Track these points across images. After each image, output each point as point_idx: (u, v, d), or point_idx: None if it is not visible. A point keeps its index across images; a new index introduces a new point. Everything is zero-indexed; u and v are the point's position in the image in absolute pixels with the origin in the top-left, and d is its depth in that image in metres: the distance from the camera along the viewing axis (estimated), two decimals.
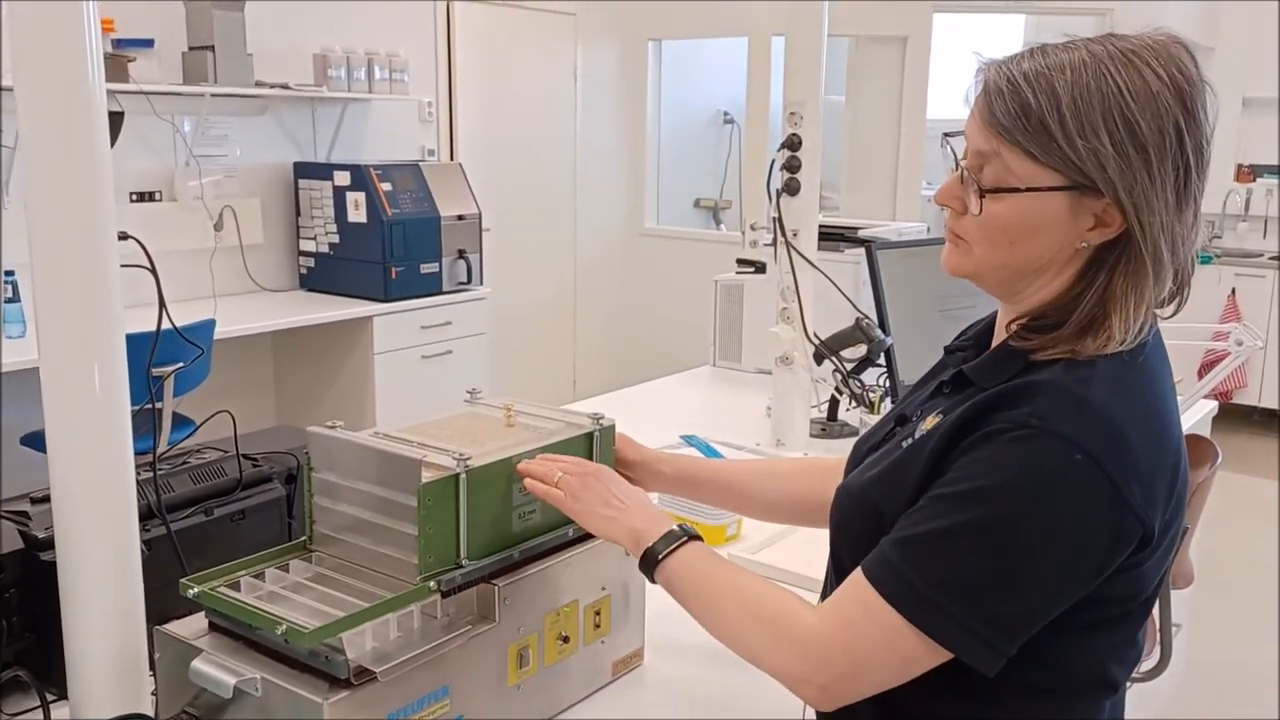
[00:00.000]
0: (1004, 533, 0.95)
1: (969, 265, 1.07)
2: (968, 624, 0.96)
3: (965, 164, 1.05)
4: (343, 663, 1.06)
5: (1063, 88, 0.97)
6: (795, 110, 2.31)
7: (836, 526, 1.16)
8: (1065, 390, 0.98)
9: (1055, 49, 1.01)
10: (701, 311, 3.32)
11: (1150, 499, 0.98)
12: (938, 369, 1.24)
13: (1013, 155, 0.99)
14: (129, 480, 1.16)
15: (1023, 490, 0.95)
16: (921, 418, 1.12)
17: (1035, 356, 1.03)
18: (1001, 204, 1.01)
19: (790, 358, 2.37)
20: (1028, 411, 0.97)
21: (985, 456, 0.97)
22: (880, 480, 1.09)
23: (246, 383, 4.71)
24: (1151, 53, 0.99)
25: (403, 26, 5.17)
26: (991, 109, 1.00)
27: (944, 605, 0.96)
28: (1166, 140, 0.98)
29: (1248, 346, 2.28)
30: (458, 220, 4.74)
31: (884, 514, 1.05)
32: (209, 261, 4.51)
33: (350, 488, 1.22)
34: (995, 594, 0.96)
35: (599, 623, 1.36)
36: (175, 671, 1.14)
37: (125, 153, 4.12)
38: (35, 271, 1.10)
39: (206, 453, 1.56)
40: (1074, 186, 0.98)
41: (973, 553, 0.96)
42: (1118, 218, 0.99)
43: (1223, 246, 6.74)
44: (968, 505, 0.97)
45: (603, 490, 1.24)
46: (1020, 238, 1.02)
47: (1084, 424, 0.96)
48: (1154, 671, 2.17)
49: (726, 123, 7.17)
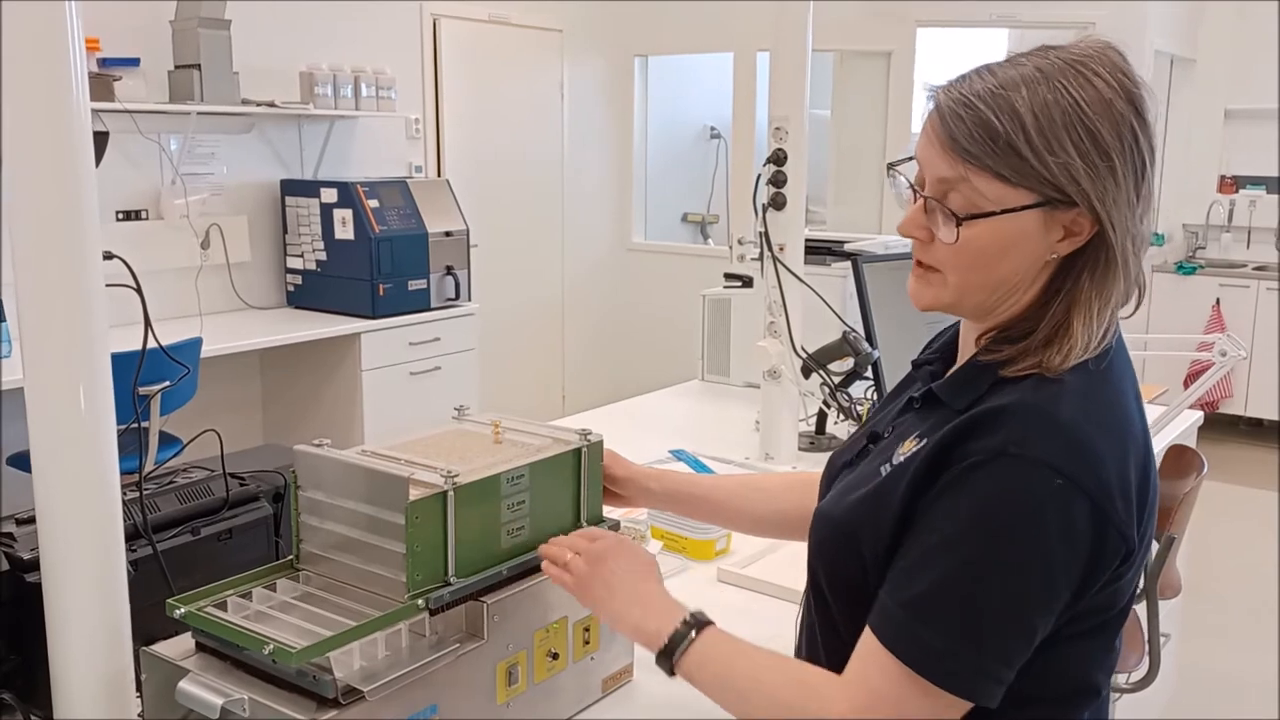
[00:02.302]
0: (1003, 570, 0.95)
1: (946, 296, 1.06)
2: (989, 670, 0.96)
3: (927, 193, 1.03)
4: (330, 682, 1.06)
5: (1022, 106, 0.97)
6: (781, 125, 2.32)
7: (814, 551, 1.15)
8: (1036, 413, 0.98)
9: (1001, 67, 1.01)
10: (689, 326, 3.32)
11: (1130, 513, 0.99)
12: (906, 382, 1.24)
13: (982, 179, 0.99)
14: (115, 500, 1.16)
15: (1012, 524, 0.95)
16: (894, 436, 1.12)
17: (1004, 371, 1.03)
18: (975, 228, 1.01)
19: (778, 371, 2.37)
20: (1003, 439, 0.97)
21: (968, 494, 0.97)
22: (858, 508, 1.08)
23: (233, 401, 4.70)
24: (1095, 61, 1.00)
25: (389, 43, 5.18)
26: (952, 134, 1.00)
27: (958, 657, 0.96)
28: (1125, 145, 0.99)
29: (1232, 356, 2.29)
30: (445, 236, 4.74)
31: (862, 542, 1.05)
32: (195, 280, 4.49)
33: (337, 506, 1.21)
34: (1001, 631, 0.96)
35: (588, 639, 1.36)
36: (162, 692, 1.13)
37: (111, 171, 4.11)
38: (20, 291, 1.10)
39: (193, 472, 1.55)
40: (1046, 202, 0.99)
41: (975, 597, 0.96)
42: (1086, 226, 1.00)
43: (1206, 257, 6.79)
44: (962, 550, 0.96)
45: (611, 578, 1.18)
46: (995, 259, 1.02)
47: (1060, 447, 0.96)
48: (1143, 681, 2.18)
49: (713, 138, 7.19)
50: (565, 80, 6.19)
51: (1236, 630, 3.99)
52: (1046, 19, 5.55)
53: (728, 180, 6.72)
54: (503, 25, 5.75)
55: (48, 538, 1.14)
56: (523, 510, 1.27)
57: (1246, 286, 6.42)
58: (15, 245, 1.08)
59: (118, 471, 1.16)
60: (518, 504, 1.26)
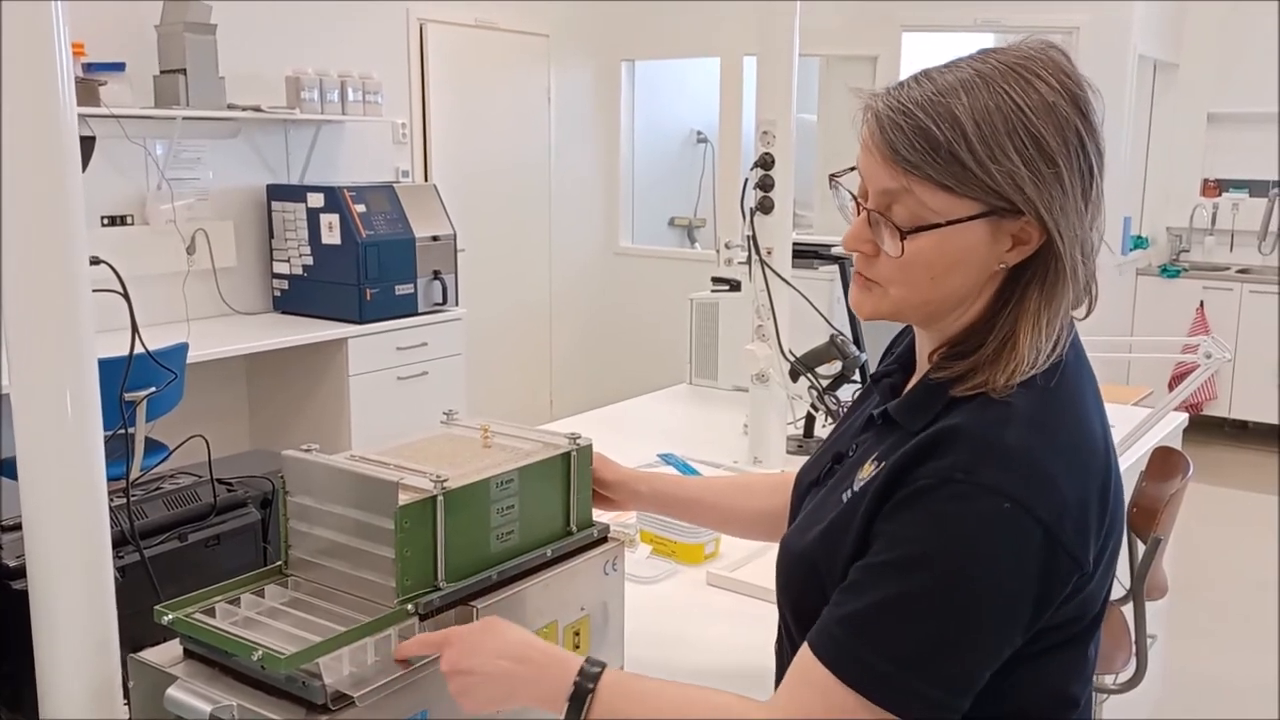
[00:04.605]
0: (945, 594, 0.93)
1: (885, 307, 1.03)
2: (924, 692, 0.93)
3: (870, 205, 1.00)
4: (320, 688, 1.06)
5: (963, 113, 0.94)
6: (768, 129, 2.32)
7: (780, 586, 1.12)
8: (983, 437, 0.96)
9: (940, 72, 0.98)
10: (677, 330, 3.33)
11: (1083, 533, 0.97)
12: (866, 395, 1.22)
13: (926, 190, 0.96)
14: (101, 507, 1.15)
15: (957, 548, 0.93)
16: (856, 457, 1.11)
17: (954, 391, 1.01)
18: (919, 241, 0.98)
19: (766, 375, 2.38)
20: (950, 464, 0.95)
21: (914, 518, 0.95)
22: (819, 542, 1.06)
23: (220, 407, 4.68)
24: (1037, 63, 0.97)
25: (375, 48, 5.17)
26: (893, 145, 0.96)
27: (898, 677, 0.93)
28: (1071, 149, 0.96)
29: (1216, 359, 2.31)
30: (432, 241, 4.73)
31: (822, 573, 1.03)
32: (182, 285, 4.47)
33: (326, 511, 1.21)
34: (946, 656, 0.94)
35: (578, 643, 1.36)
36: (150, 700, 1.13)
37: (97, 176, 4.09)
38: (5, 296, 1.09)
39: (180, 478, 1.54)
40: (992, 211, 0.96)
41: (919, 619, 0.94)
42: (1035, 234, 0.98)
43: (1190, 260, 6.83)
44: (906, 572, 0.94)
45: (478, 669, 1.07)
46: (942, 272, 0.99)
47: (1007, 471, 0.94)
48: (1130, 683, 2.19)
49: (700, 142, 7.20)
50: (552, 85, 6.19)
51: (1223, 632, 4.01)
52: (1031, 23, 5.58)
53: (715, 184, 6.73)
54: (489, 30, 5.75)
55: (34, 544, 1.13)
56: (512, 514, 1.27)
57: (1230, 289, 6.46)
58: (1, 251, 1.08)
59: (104, 477, 1.16)
60: (507, 508, 1.26)
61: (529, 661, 1.08)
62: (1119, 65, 5.63)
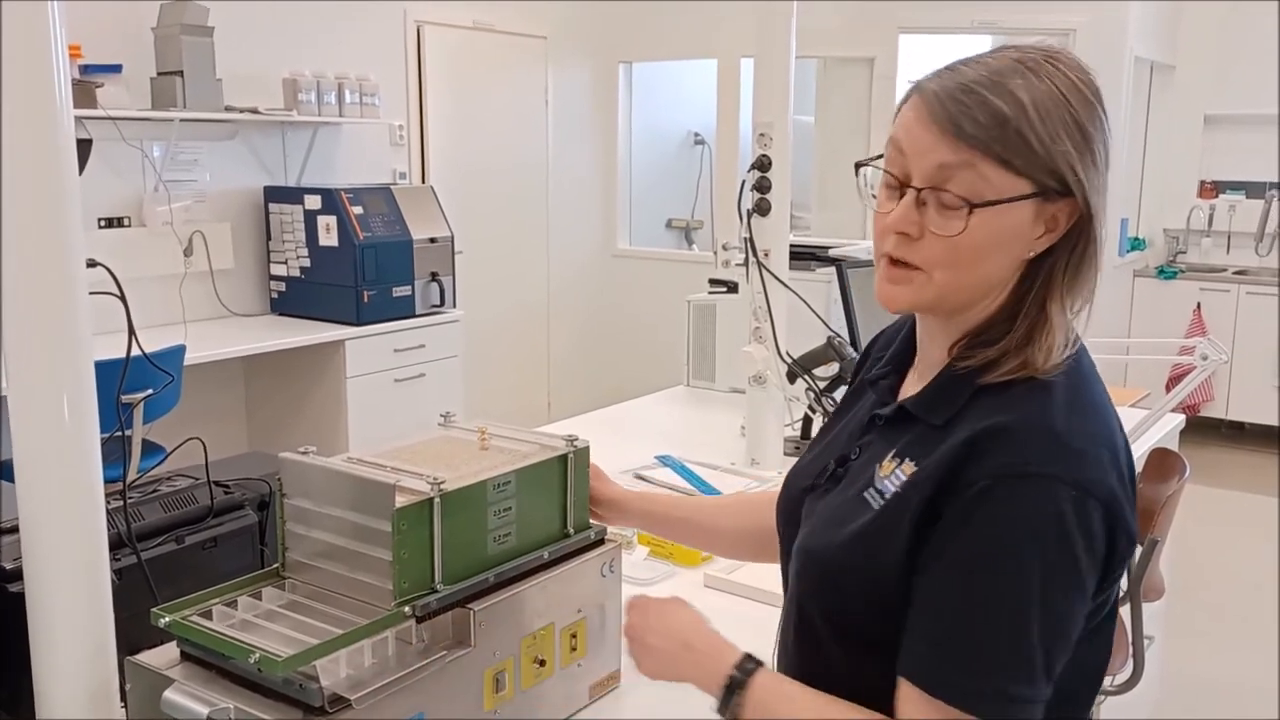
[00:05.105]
0: (1038, 590, 0.94)
1: (928, 295, 1.03)
2: (1040, 694, 0.95)
3: (924, 183, 0.99)
4: (317, 691, 1.06)
5: (1022, 93, 0.96)
6: (765, 131, 2.33)
7: (807, 593, 1.11)
8: (1035, 428, 0.97)
9: (985, 59, 1.00)
10: (675, 332, 3.33)
11: (1131, 509, 0.99)
12: (855, 397, 1.22)
13: (988, 166, 0.96)
14: (98, 509, 1.15)
15: (1038, 542, 0.94)
16: (865, 458, 1.10)
17: (985, 379, 1.01)
18: (980, 217, 0.97)
19: (763, 377, 2.38)
20: (1006, 460, 0.95)
21: (988, 520, 0.95)
22: (854, 545, 1.04)
23: (218, 409, 4.67)
24: (1057, 57, 1.00)
25: (373, 50, 5.17)
26: (956, 120, 0.96)
27: (1016, 693, 0.94)
28: (1099, 135, 0.99)
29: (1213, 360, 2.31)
30: (430, 243, 4.73)
31: (863, 580, 1.02)
32: (179, 287, 4.47)
33: (323, 514, 1.21)
34: (1051, 650, 0.95)
35: (575, 645, 1.36)
36: (147, 702, 1.13)
37: (94, 179, 4.09)
38: (3, 299, 1.09)
39: (177, 480, 1.54)
40: (1041, 192, 0.97)
41: (1020, 622, 0.94)
42: (1063, 220, 1.00)
43: (1187, 262, 6.84)
44: (996, 578, 0.94)
45: (653, 647, 1.18)
46: (987, 254, 0.99)
47: (1065, 458, 0.95)
48: (1128, 683, 2.19)
49: (697, 144, 7.20)
50: (550, 86, 6.19)
51: (1220, 632, 4.01)
52: (1027, 25, 5.59)
53: (712, 186, 6.73)
54: (487, 32, 5.75)
55: (31, 547, 1.13)
56: (509, 516, 1.27)
57: (1227, 291, 6.47)
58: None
59: (101, 480, 1.16)
60: (504, 510, 1.26)
61: (693, 648, 1.15)
62: (1115, 67, 5.63)
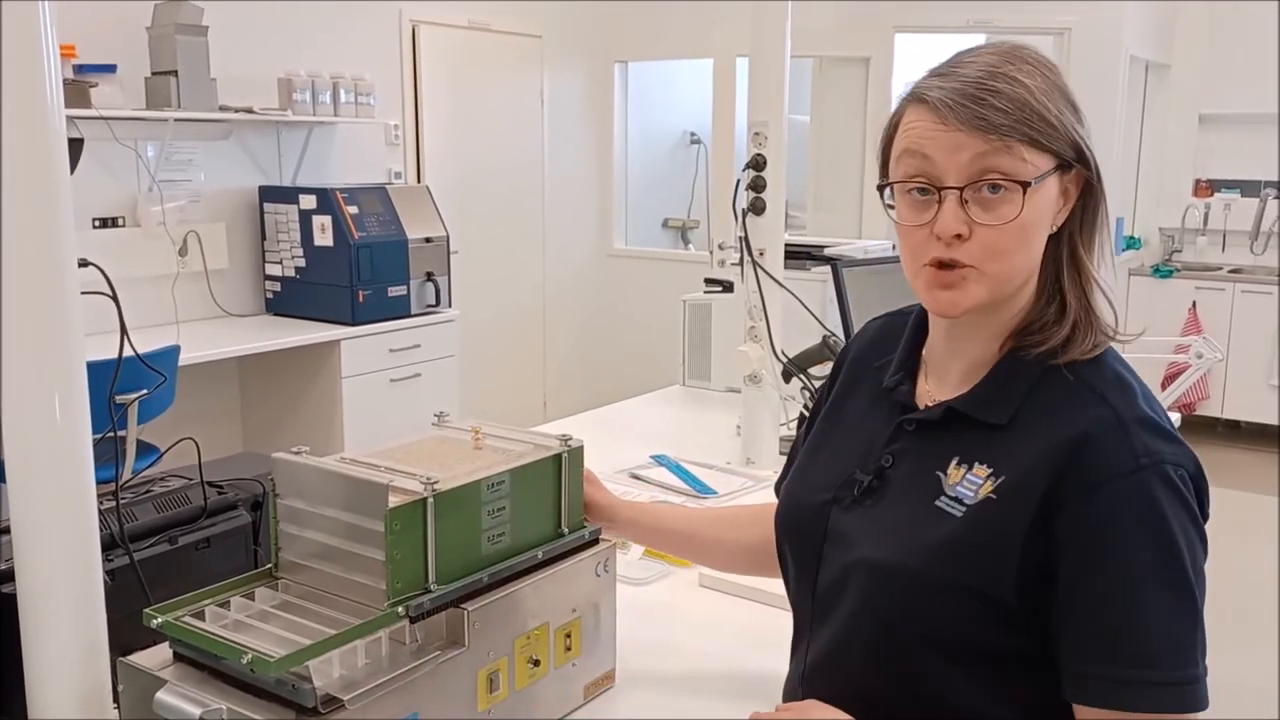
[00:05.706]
0: (1192, 573, 0.98)
1: (982, 292, 1.03)
2: (1203, 672, 0.99)
3: (966, 180, 1.00)
4: (310, 691, 1.05)
5: (1024, 78, 1.00)
6: (760, 130, 2.33)
7: (891, 608, 1.06)
8: (1126, 418, 1.00)
9: (968, 59, 1.03)
10: (670, 331, 3.33)
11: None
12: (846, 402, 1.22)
13: (1023, 149, 1.00)
14: (91, 510, 1.15)
15: (1174, 526, 0.97)
16: (911, 466, 1.08)
17: (1059, 359, 1.04)
18: (1034, 196, 1.00)
19: (759, 376, 2.38)
20: (1116, 457, 0.98)
21: (1117, 515, 0.97)
22: (948, 555, 1.02)
23: (212, 409, 4.67)
24: (1020, 48, 1.05)
25: (368, 50, 5.16)
26: (980, 114, 0.98)
27: (1189, 678, 0.98)
28: (1080, 114, 1.05)
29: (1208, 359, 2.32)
30: (425, 243, 4.73)
31: (980, 591, 1.01)
32: (173, 287, 4.46)
33: (316, 514, 1.20)
34: (1199, 632, 0.99)
35: (569, 645, 1.36)
36: (139, 703, 1.12)
37: (87, 179, 4.08)
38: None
39: (170, 481, 1.54)
40: (1061, 165, 1.02)
41: (1188, 608, 0.98)
42: (1073, 190, 1.04)
43: (1183, 260, 6.85)
44: (1141, 574, 0.97)
45: None
46: (1034, 234, 1.03)
47: (1162, 440, 0.99)
48: None
49: (693, 143, 7.20)
50: (545, 86, 6.19)
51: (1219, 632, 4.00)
52: (1022, 24, 5.59)
53: (708, 186, 6.73)
54: (482, 31, 5.75)
55: (23, 548, 1.13)
56: (503, 516, 1.27)
57: (1222, 289, 6.48)
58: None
59: (94, 481, 1.16)
60: (498, 510, 1.26)
61: None
62: (1110, 66, 5.64)
